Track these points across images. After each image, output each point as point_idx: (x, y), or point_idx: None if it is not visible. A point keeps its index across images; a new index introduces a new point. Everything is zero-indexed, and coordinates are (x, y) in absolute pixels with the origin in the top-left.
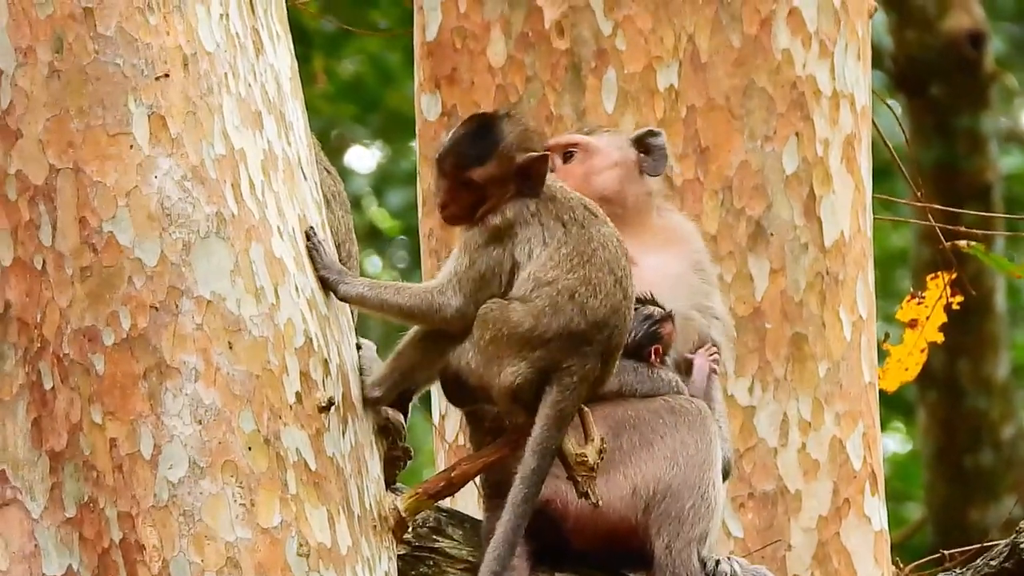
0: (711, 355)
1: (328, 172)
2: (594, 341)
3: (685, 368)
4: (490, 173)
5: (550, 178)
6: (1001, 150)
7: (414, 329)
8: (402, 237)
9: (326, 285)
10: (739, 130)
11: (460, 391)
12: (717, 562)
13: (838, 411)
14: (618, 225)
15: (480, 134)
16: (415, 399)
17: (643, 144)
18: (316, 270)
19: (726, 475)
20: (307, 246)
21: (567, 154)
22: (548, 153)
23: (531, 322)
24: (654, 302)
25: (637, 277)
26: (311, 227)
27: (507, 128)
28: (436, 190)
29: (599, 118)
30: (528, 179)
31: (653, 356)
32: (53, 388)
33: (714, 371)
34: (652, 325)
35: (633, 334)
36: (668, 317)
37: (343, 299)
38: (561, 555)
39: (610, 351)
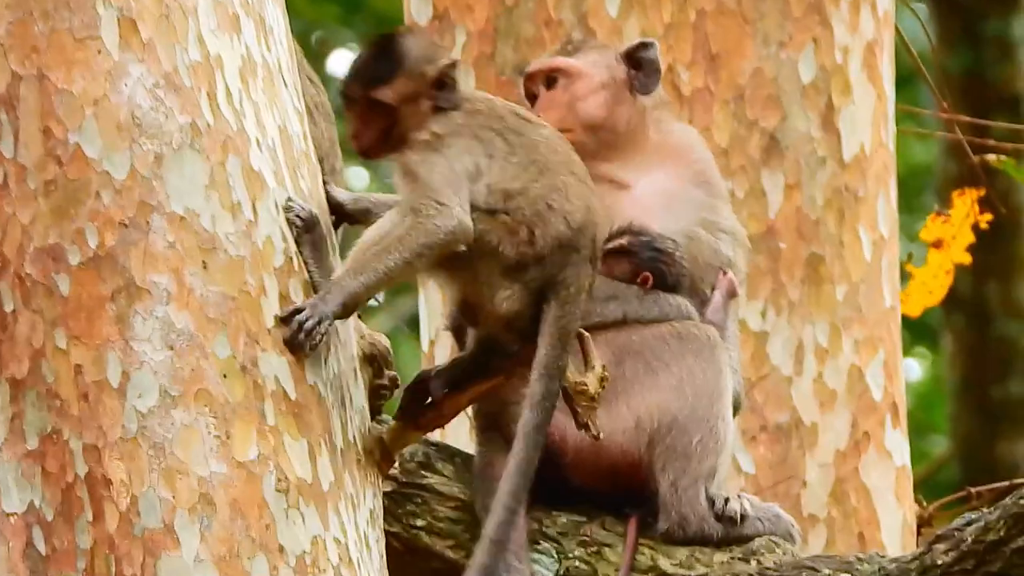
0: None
1: (310, 80)
2: (581, 247)
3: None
4: (400, 91)
5: (472, 92)
6: None
7: None
8: None
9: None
10: (752, 35)
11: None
12: (726, 500)
13: (857, 337)
14: (611, 150)
15: (383, 52)
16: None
17: (633, 59)
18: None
19: (737, 407)
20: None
21: (550, 80)
22: (457, 60)
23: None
24: (637, 231)
25: (631, 201)
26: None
27: (410, 43)
28: (348, 121)
29: (601, 23)
30: (443, 90)
31: (641, 282)
32: (14, 311)
33: (733, 294)
34: (652, 251)
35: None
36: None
37: (355, 302)
38: (559, 492)
39: (595, 253)
